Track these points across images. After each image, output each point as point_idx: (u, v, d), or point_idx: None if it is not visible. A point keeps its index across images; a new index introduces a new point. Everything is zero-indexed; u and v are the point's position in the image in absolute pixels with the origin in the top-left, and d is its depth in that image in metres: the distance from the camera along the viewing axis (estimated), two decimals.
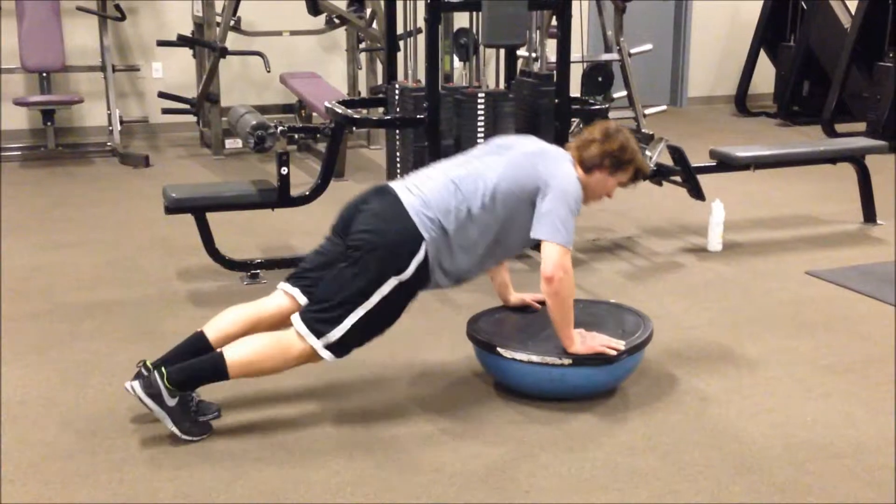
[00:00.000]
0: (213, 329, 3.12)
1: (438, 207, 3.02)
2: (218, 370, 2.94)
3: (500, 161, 3.14)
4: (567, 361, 3.12)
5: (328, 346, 2.97)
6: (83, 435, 3.00)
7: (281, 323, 3.13)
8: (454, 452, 2.90)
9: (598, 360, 3.13)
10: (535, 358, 3.13)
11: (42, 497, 2.66)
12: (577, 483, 2.74)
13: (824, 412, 3.18)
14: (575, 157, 3.21)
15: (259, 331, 3.09)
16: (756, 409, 3.20)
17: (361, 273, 2.96)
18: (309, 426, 3.06)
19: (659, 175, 5.16)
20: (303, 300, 3.11)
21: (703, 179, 5.12)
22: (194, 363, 2.97)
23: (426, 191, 3.06)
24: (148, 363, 3.04)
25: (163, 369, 2.91)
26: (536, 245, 3.12)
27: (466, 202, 3.04)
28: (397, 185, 3.12)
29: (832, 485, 2.73)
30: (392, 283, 2.97)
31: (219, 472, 2.79)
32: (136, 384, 2.91)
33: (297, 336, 2.97)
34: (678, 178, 5.16)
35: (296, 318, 3.00)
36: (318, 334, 2.96)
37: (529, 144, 3.27)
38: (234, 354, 2.94)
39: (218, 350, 2.97)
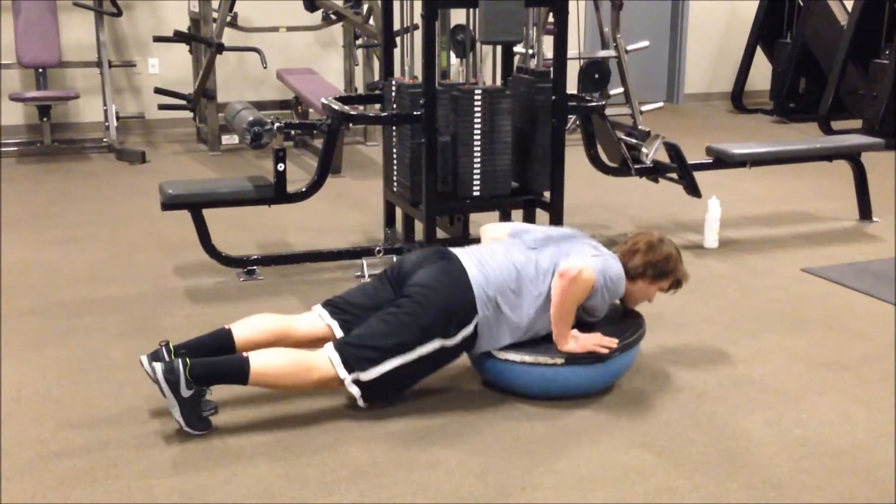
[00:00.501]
0: (241, 330, 3.16)
1: (499, 288, 3.12)
2: (240, 375, 2.96)
3: (556, 250, 3.25)
4: (560, 360, 3.12)
5: (357, 384, 3.02)
6: (79, 432, 3.00)
7: (308, 344, 3.17)
8: (450, 449, 2.91)
9: (591, 358, 3.13)
10: (527, 358, 3.13)
11: (38, 494, 2.66)
12: (572, 480, 2.74)
13: (820, 409, 3.19)
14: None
15: (285, 345, 3.12)
16: (752, 406, 3.21)
17: (411, 326, 3.03)
18: (305, 423, 3.06)
19: (655, 172, 5.16)
20: (339, 333, 3.17)
21: (699, 176, 5.12)
22: (219, 362, 2.99)
23: (489, 269, 3.15)
24: (171, 345, 3.06)
25: (187, 360, 2.92)
26: None
27: (523, 286, 3.14)
28: (462, 255, 3.20)
29: (828, 482, 2.74)
30: (436, 344, 3.05)
31: (215, 469, 2.79)
32: (159, 366, 2.90)
33: (327, 362, 3.01)
34: (674, 175, 5.16)
35: (330, 347, 3.04)
36: (351, 369, 3.01)
37: (586, 239, 3.40)
38: (259, 364, 2.96)
39: (245, 354, 2.99)
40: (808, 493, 2.68)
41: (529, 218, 4.55)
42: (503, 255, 3.22)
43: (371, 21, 7.39)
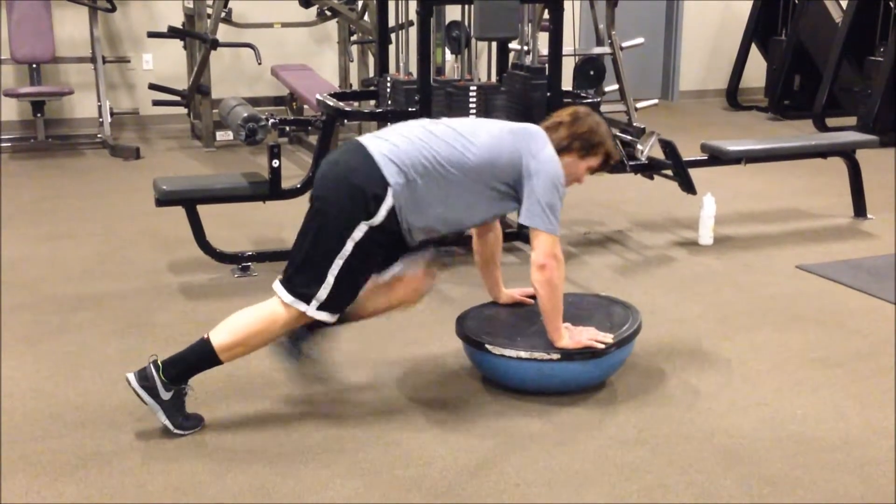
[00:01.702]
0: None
1: (410, 157, 2.95)
2: (208, 356, 2.93)
3: (481, 132, 3.08)
4: (555, 356, 3.12)
5: (321, 308, 2.93)
6: (73, 428, 3.00)
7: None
8: (444, 446, 2.90)
9: (587, 354, 3.13)
10: (523, 353, 3.13)
11: (31, 490, 2.65)
12: (566, 476, 2.74)
13: (814, 406, 3.19)
14: None
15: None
16: (746, 402, 3.21)
17: (329, 222, 2.91)
18: (299, 420, 3.06)
19: (650, 169, 5.16)
20: None
21: (694, 173, 5.12)
22: (184, 353, 2.96)
23: (399, 140, 2.99)
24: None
25: (158, 363, 2.91)
26: (526, 238, 3.12)
27: (439, 158, 2.97)
28: (366, 137, 3.06)
29: (822, 478, 2.74)
30: (363, 227, 2.90)
31: (209, 465, 2.78)
32: (132, 376, 2.90)
33: (282, 306, 2.94)
34: (669, 172, 5.16)
35: (277, 286, 2.96)
36: (306, 298, 2.92)
37: (511, 123, 3.24)
38: (220, 338, 2.92)
39: (204, 336, 2.95)
40: (801, 489, 2.68)
41: None
42: (419, 126, 3.07)
43: (366, 17, 7.39)
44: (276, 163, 4.40)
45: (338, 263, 2.91)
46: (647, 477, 2.74)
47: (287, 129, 7.26)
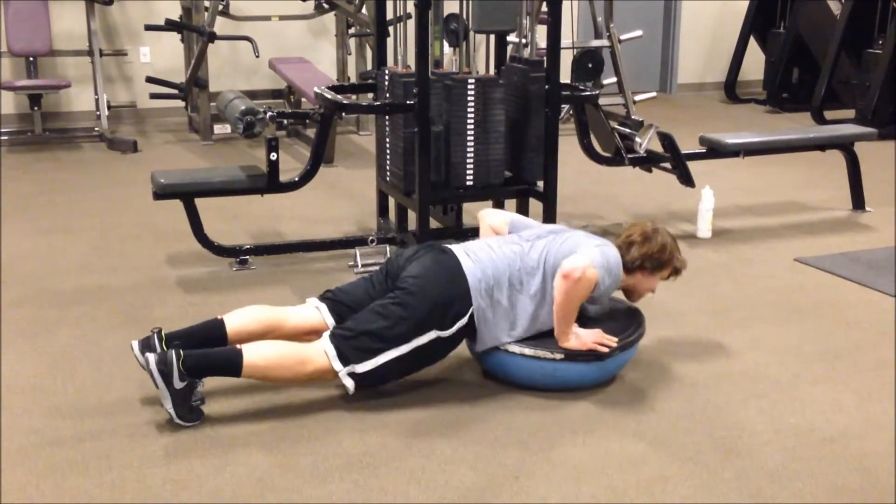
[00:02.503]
0: (233, 321, 3.15)
1: (494, 277, 3.11)
2: (233, 367, 2.96)
3: (552, 241, 3.23)
4: (559, 356, 3.12)
5: (352, 376, 3.02)
6: (71, 421, 2.99)
7: (300, 336, 3.17)
8: (444, 438, 2.90)
9: (591, 356, 3.13)
10: (527, 351, 3.13)
11: (30, 484, 2.65)
12: (566, 469, 2.74)
13: (812, 398, 3.19)
14: None
15: (277, 336, 3.12)
16: (745, 395, 3.21)
17: (406, 317, 3.03)
18: (298, 413, 3.06)
19: (649, 162, 5.16)
20: (329, 318, 3.17)
21: (692, 166, 5.12)
22: (212, 354, 2.98)
23: (485, 259, 3.14)
24: (163, 333, 3.05)
25: (180, 351, 2.91)
26: None
27: (520, 277, 3.14)
28: (456, 248, 3.20)
29: (820, 471, 2.74)
30: (432, 335, 3.05)
31: (207, 458, 2.78)
32: (152, 357, 2.90)
33: (322, 354, 3.00)
34: (668, 165, 5.16)
35: (326, 339, 3.04)
36: (346, 362, 3.01)
37: (582, 233, 3.36)
38: (252, 356, 2.95)
39: (237, 346, 2.98)
40: (800, 482, 2.68)
41: (523, 207, 4.55)
42: (498, 248, 3.22)
43: (364, 10, 7.37)
44: (273, 156, 4.39)
45: (391, 354, 3.03)
46: (645, 469, 2.74)
47: (285, 122, 7.26)
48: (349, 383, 3.02)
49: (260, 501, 2.58)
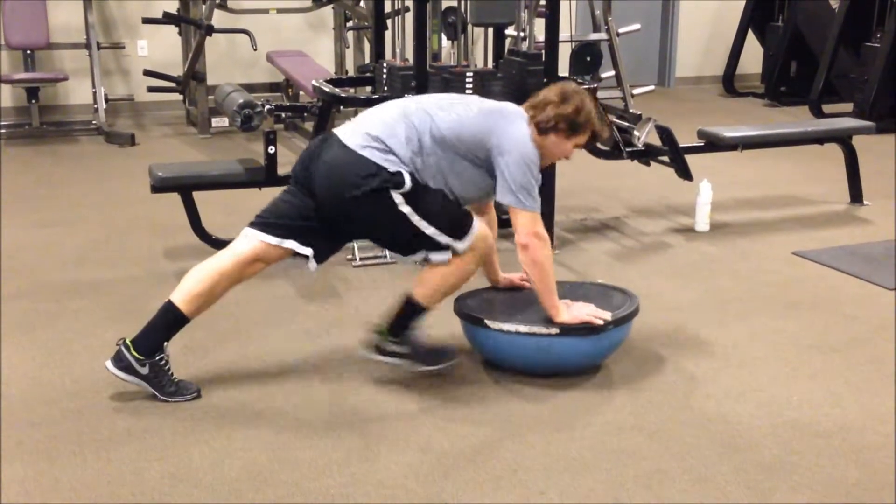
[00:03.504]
0: (180, 296, 3.04)
1: (392, 137, 3.00)
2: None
3: (457, 108, 3.11)
4: (554, 331, 3.11)
5: (454, 237, 3.03)
6: (69, 414, 2.99)
7: (245, 268, 3.07)
8: (441, 431, 2.91)
9: (585, 329, 3.13)
10: (522, 328, 3.12)
11: (27, 477, 2.65)
12: (564, 462, 2.75)
13: (810, 392, 3.20)
14: (530, 116, 3.15)
15: (224, 283, 3.05)
16: (742, 388, 3.22)
17: (376, 219, 3.01)
18: (296, 406, 3.06)
19: (647, 155, 5.16)
20: (273, 241, 3.05)
21: (690, 160, 5.12)
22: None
23: (371, 127, 3.03)
24: (128, 341, 3.04)
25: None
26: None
27: (418, 134, 3.01)
28: (339, 130, 3.10)
29: (818, 464, 2.75)
30: (397, 197, 2.97)
31: (206, 451, 2.78)
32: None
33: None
34: (666, 159, 5.16)
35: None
36: (449, 242, 3.02)
37: (487, 101, 3.26)
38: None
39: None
40: (797, 475, 2.69)
41: None
42: (396, 107, 3.13)
43: (362, 3, 7.36)
44: (271, 149, 4.38)
45: (422, 225, 3.00)
46: (643, 463, 2.75)
47: (283, 115, 7.25)
48: (463, 244, 3.03)
49: (258, 494, 2.58)
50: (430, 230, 3.00)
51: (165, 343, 3.04)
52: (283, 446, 2.82)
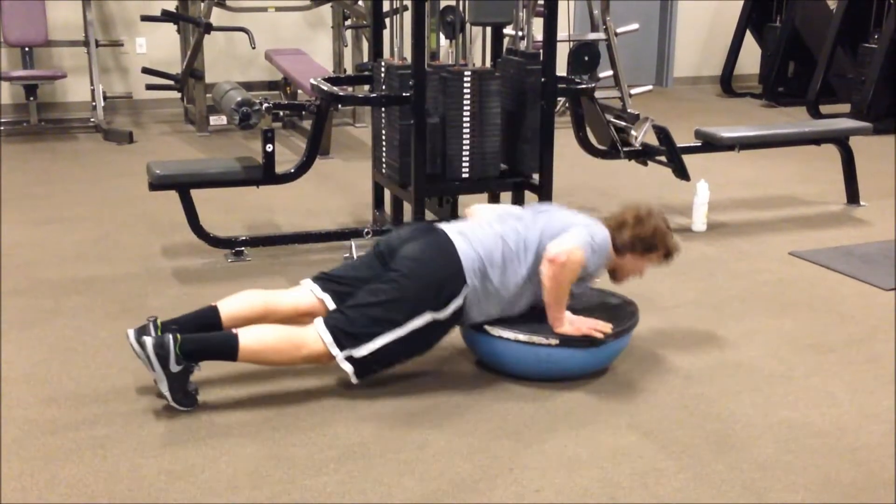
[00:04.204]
0: (227, 306, 3.15)
1: (486, 257, 3.11)
2: (229, 351, 2.97)
3: (546, 220, 3.24)
4: (554, 341, 3.13)
5: (349, 360, 3.02)
6: (66, 412, 3.00)
7: (294, 319, 3.17)
8: (438, 430, 2.91)
9: (585, 341, 3.14)
10: (521, 337, 3.13)
11: (25, 474, 2.65)
12: (560, 461, 2.75)
13: (806, 391, 3.20)
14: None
15: (270, 320, 3.13)
16: (738, 388, 3.23)
17: (401, 299, 3.03)
18: (293, 404, 3.06)
19: (644, 155, 5.16)
20: (331, 306, 3.15)
21: (687, 159, 5.12)
22: (209, 338, 3.00)
23: (477, 240, 3.14)
24: (158, 321, 3.06)
25: (177, 336, 2.92)
26: None
27: (512, 257, 3.13)
28: (448, 227, 3.20)
29: (813, 463, 2.75)
30: (427, 317, 3.04)
31: (202, 448, 2.79)
32: (149, 340, 2.91)
33: (318, 339, 3.00)
34: (663, 159, 5.16)
35: (320, 323, 3.03)
36: (342, 347, 3.00)
37: (574, 212, 3.39)
38: (248, 340, 2.96)
39: (234, 331, 2.99)
40: (793, 474, 2.69)
41: (518, 200, 4.55)
42: (489, 227, 3.23)
43: (360, 1, 7.36)
44: (269, 147, 4.38)
45: (388, 337, 3.02)
46: (639, 462, 2.75)
47: (281, 113, 7.27)
48: (347, 367, 3.03)
49: (254, 492, 2.59)
50: (377, 341, 3.01)
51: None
52: (280, 444, 2.82)
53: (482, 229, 3.21)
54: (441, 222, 3.31)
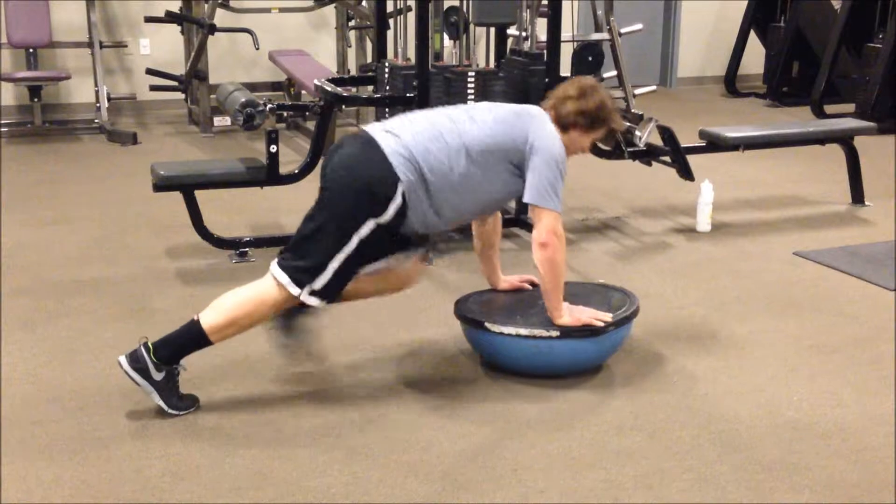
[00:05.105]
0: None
1: (418, 151, 2.97)
2: (197, 336, 2.94)
3: (485, 116, 3.11)
4: (555, 333, 3.12)
5: (313, 294, 2.95)
6: (70, 412, 3.00)
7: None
8: (442, 431, 2.91)
9: (586, 331, 3.13)
10: (522, 331, 3.13)
11: (28, 475, 2.65)
12: (564, 461, 2.75)
13: (810, 392, 3.20)
14: (551, 114, 3.18)
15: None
16: (743, 388, 3.22)
17: (338, 216, 2.93)
18: (297, 404, 3.07)
19: (648, 155, 5.16)
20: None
21: (692, 160, 5.12)
22: (174, 334, 2.97)
23: (406, 134, 3.01)
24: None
25: (149, 344, 2.92)
26: (524, 224, 3.13)
27: (448, 149, 2.99)
28: (374, 128, 3.08)
29: (818, 464, 2.75)
30: (370, 224, 2.93)
31: (206, 449, 2.79)
32: (123, 359, 2.92)
33: (275, 286, 2.95)
34: (668, 159, 5.16)
35: (274, 267, 2.97)
36: (301, 284, 2.93)
37: (512, 105, 3.26)
38: (209, 319, 2.93)
39: (194, 317, 2.96)
40: (797, 475, 2.69)
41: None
42: (424, 118, 3.11)
43: (364, 2, 7.36)
44: (273, 148, 4.39)
45: (339, 257, 2.94)
46: (643, 463, 2.75)
47: (284, 114, 7.26)
48: (315, 301, 2.97)
49: (258, 493, 2.59)
50: (325, 271, 2.92)
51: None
52: (284, 444, 2.82)
53: (413, 124, 3.07)
54: (370, 125, 3.16)
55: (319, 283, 2.94)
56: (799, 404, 3.11)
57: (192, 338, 2.95)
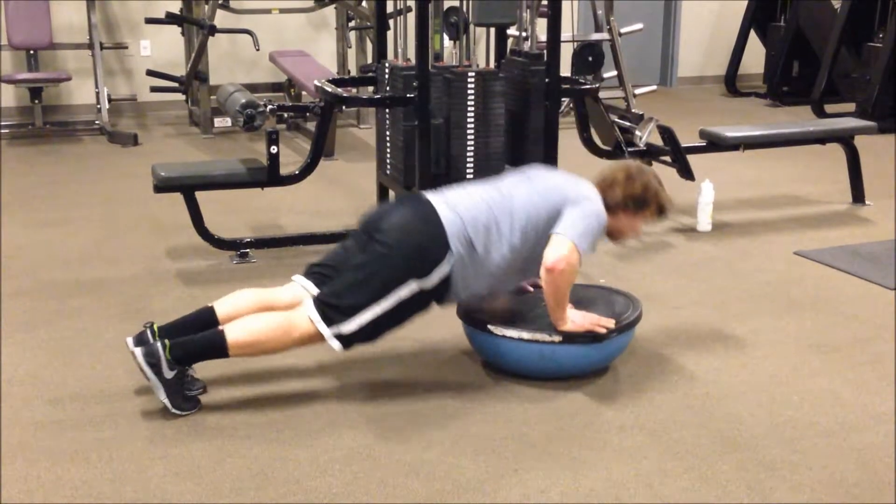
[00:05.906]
0: (223, 308, 3.12)
1: (471, 225, 3.04)
2: (218, 348, 2.95)
3: (530, 188, 3.18)
4: (557, 339, 3.12)
5: (338, 337, 2.98)
6: (71, 413, 3.00)
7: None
8: (443, 431, 2.91)
9: (588, 337, 3.14)
10: (525, 335, 3.13)
11: (30, 475, 2.66)
12: (565, 461, 2.75)
13: (811, 391, 3.20)
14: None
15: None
16: (744, 387, 3.22)
17: (384, 269, 2.98)
18: (298, 404, 3.07)
19: (648, 155, 5.16)
20: (314, 291, 3.11)
21: (692, 159, 5.12)
22: (196, 339, 2.98)
23: (461, 207, 3.08)
24: (155, 326, 3.05)
25: (166, 342, 2.92)
26: None
27: (497, 224, 3.07)
28: (432, 196, 3.14)
29: (819, 463, 2.75)
30: (412, 286, 2.98)
31: (208, 449, 2.79)
32: (139, 351, 2.91)
33: (306, 320, 2.97)
34: (668, 159, 5.16)
35: (310, 305, 3.00)
36: (330, 323, 2.96)
37: (559, 175, 3.33)
38: (235, 335, 2.94)
39: (220, 328, 2.98)
40: (798, 474, 2.69)
41: None
42: (475, 195, 3.15)
43: (364, 3, 7.37)
44: (274, 149, 4.39)
45: (375, 310, 2.97)
46: (644, 462, 2.75)
47: (285, 115, 7.27)
48: (336, 345, 2.98)
49: (260, 493, 2.59)
50: (358, 319, 2.96)
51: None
52: (285, 444, 2.83)
53: (468, 197, 3.13)
54: (427, 192, 3.22)
55: (348, 327, 2.97)
56: (800, 403, 3.11)
57: (214, 348, 2.96)
